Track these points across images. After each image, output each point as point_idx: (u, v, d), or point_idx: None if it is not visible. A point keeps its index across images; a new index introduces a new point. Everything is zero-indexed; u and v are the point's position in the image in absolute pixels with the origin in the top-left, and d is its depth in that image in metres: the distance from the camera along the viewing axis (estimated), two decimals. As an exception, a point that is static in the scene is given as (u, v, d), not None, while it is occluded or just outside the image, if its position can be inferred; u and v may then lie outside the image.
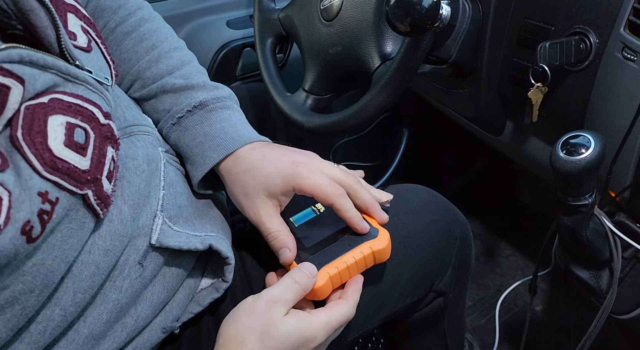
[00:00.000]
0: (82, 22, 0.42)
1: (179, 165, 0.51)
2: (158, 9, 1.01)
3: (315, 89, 0.73)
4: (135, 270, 0.42)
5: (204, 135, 0.50)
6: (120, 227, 0.40)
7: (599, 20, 0.56)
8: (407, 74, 0.56)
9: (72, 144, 0.34)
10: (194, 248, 0.45)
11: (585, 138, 0.50)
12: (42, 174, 0.31)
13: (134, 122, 0.46)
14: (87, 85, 0.37)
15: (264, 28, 0.79)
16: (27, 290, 0.33)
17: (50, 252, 0.33)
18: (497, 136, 0.82)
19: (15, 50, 0.31)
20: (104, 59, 0.43)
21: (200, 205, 0.52)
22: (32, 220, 0.30)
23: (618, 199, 0.57)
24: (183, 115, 0.51)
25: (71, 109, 0.34)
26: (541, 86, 0.61)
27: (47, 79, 0.33)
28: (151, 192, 0.44)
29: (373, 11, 0.61)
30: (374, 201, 0.49)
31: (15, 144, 0.30)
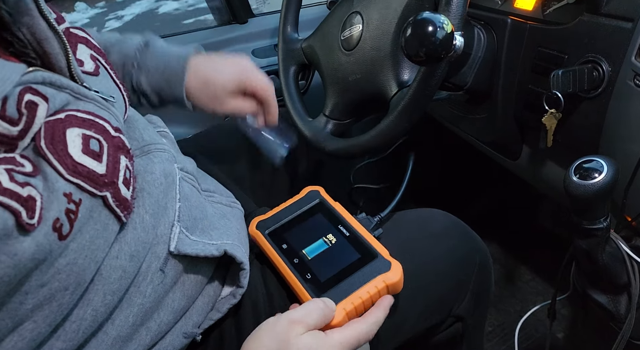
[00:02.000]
0: (92, 51, 0.48)
1: (193, 182, 0.56)
2: (187, 40, 1.08)
3: (335, 114, 0.76)
4: (157, 276, 0.46)
5: (163, 62, 0.63)
6: (143, 234, 0.43)
7: (611, 49, 0.58)
8: (423, 101, 0.58)
9: (89, 151, 0.38)
10: (210, 254, 0.49)
11: (598, 163, 0.51)
12: (66, 177, 0.35)
13: (151, 141, 0.50)
14: (96, 102, 0.42)
15: (287, 57, 0.83)
16: (62, 287, 0.36)
17: (81, 252, 0.37)
18: (514, 160, 0.83)
19: (39, 73, 0.36)
20: (113, 82, 0.49)
21: (216, 218, 0.55)
22: (60, 218, 0.34)
23: (634, 223, 0.58)
24: (138, 59, 0.63)
25: (85, 123, 0.39)
26: (555, 112, 0.62)
27: (62, 98, 0.38)
28: (168, 204, 0.48)
29: (390, 41, 0.64)
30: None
31: (40, 152, 0.35)
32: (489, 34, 0.74)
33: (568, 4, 0.67)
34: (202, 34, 1.09)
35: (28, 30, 0.39)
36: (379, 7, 0.66)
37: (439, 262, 0.61)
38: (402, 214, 0.67)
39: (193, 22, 4.28)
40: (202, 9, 4.35)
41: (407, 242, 0.62)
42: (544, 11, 0.71)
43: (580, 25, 0.62)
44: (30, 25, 0.39)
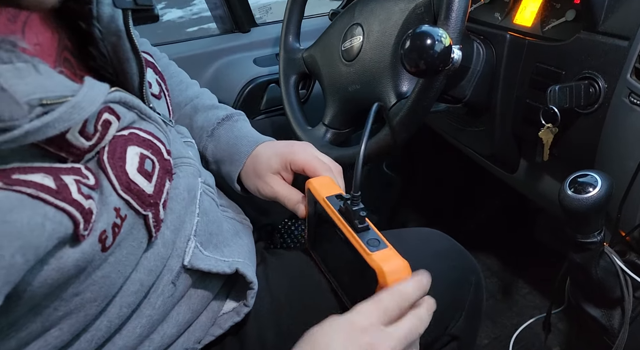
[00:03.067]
0: (157, 77, 0.50)
1: (213, 195, 0.56)
2: (191, 46, 1.09)
3: (334, 124, 0.76)
4: (168, 289, 0.46)
5: (235, 138, 0.62)
6: (163, 250, 0.44)
7: (607, 66, 0.59)
8: (421, 112, 0.59)
9: (143, 171, 0.39)
10: (222, 271, 0.49)
11: (592, 177, 0.52)
12: (119, 192, 0.37)
13: (178, 155, 0.51)
14: (157, 124, 0.43)
15: (288, 66, 0.84)
16: (92, 299, 0.37)
17: (116, 266, 0.38)
18: (512, 174, 0.84)
19: (118, 93, 0.38)
20: (167, 107, 0.51)
21: (230, 235, 0.55)
22: (107, 230, 0.35)
23: (628, 238, 0.58)
24: (215, 127, 0.63)
25: (145, 143, 0.40)
26: (551, 127, 0.63)
27: (130, 117, 0.40)
28: (187, 218, 0.48)
29: (390, 53, 0.65)
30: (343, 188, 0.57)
31: (101, 165, 0.36)
32: (488, 49, 0.75)
33: (566, 21, 0.68)
34: (205, 42, 1.11)
35: (112, 49, 0.41)
36: (380, 20, 0.67)
37: (437, 281, 0.61)
38: (401, 232, 0.68)
39: (197, 30, 4.32)
40: (205, 17, 4.39)
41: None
42: (542, 28, 0.72)
43: (577, 42, 0.63)
44: (115, 45, 0.41)
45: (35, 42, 0.36)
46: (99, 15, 0.40)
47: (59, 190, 0.31)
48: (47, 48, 0.37)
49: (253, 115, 1.08)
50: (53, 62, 0.37)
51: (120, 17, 0.41)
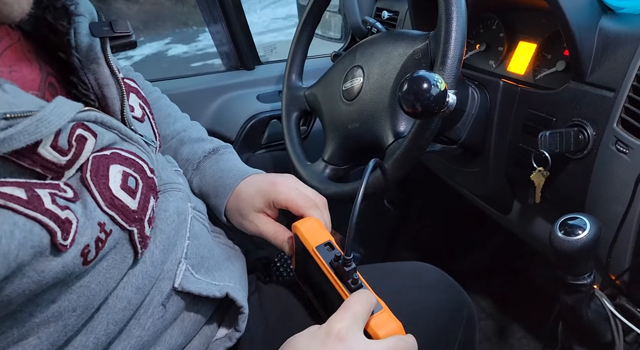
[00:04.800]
0: (140, 101, 0.52)
1: (204, 221, 0.57)
2: (198, 81, 1.13)
3: (333, 160, 0.78)
4: (158, 310, 0.46)
5: (220, 171, 0.62)
6: (151, 269, 0.45)
7: (595, 115, 0.62)
8: (417, 151, 0.61)
9: (126, 187, 0.40)
10: (212, 295, 0.50)
11: (582, 220, 0.53)
12: (103, 208, 0.38)
13: (168, 180, 0.52)
14: (139, 145, 0.45)
15: (290, 103, 0.87)
16: (70, 308, 0.37)
17: (96, 277, 0.39)
18: (505, 215, 0.86)
19: (92, 113, 0.39)
20: (152, 130, 0.53)
21: (221, 260, 0.56)
22: (90, 245, 0.36)
23: (618, 282, 0.59)
24: (200, 160, 0.64)
25: (127, 161, 0.42)
26: (543, 170, 0.65)
27: (110, 137, 0.41)
28: (178, 241, 0.49)
29: (389, 95, 0.68)
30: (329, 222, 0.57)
31: (84, 183, 0.37)
32: (482, 94, 0.78)
33: (557, 71, 0.72)
34: (211, 78, 1.15)
35: (93, 76, 0.44)
36: (380, 63, 0.71)
37: (429, 314, 0.62)
38: (395, 265, 0.68)
39: (201, 65, 4.43)
40: (210, 53, 4.50)
41: (399, 293, 0.63)
42: (534, 76, 0.75)
43: (567, 91, 0.66)
44: (95, 72, 0.43)
45: (10, 68, 0.38)
46: (78, 45, 0.42)
47: (30, 200, 0.32)
48: (28, 74, 0.39)
49: (254, 149, 1.10)
50: (37, 87, 0.39)
51: (98, 45, 0.43)
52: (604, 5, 0.66)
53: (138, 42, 0.59)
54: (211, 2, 1.07)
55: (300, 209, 0.56)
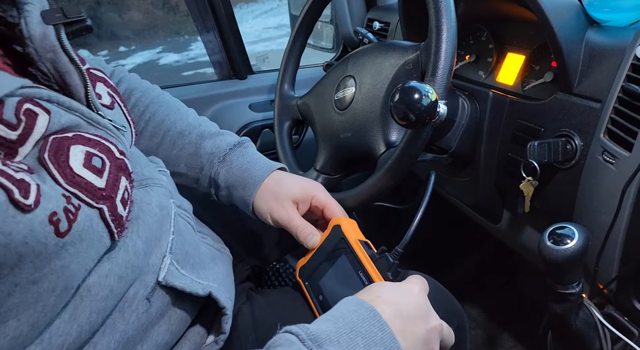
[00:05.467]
0: (109, 89, 0.52)
1: (189, 220, 0.57)
2: (191, 91, 1.13)
3: (325, 169, 0.79)
4: (142, 304, 0.46)
5: (247, 163, 0.65)
6: (134, 258, 0.45)
7: (583, 126, 0.63)
8: (408, 161, 0.62)
9: (90, 166, 0.40)
10: (195, 292, 0.50)
11: (570, 230, 0.54)
12: (63, 186, 0.37)
13: (150, 176, 0.53)
14: (107, 130, 0.44)
15: (283, 112, 0.88)
16: (50, 289, 0.37)
17: (74, 257, 0.38)
18: (495, 224, 0.86)
19: (45, 91, 0.39)
20: (125, 118, 0.52)
21: (207, 259, 0.56)
22: (58, 212, 0.35)
23: (606, 291, 0.60)
24: (227, 153, 0.65)
25: (91, 142, 0.41)
26: (532, 180, 0.66)
27: (71, 118, 0.41)
28: (162, 235, 0.49)
29: (380, 105, 0.69)
30: None
31: (42, 162, 0.37)
32: (472, 104, 0.79)
33: (545, 82, 0.73)
34: (204, 87, 1.15)
35: (51, 65, 0.43)
36: (371, 73, 0.72)
37: None
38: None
39: (192, 74, 4.43)
40: (201, 62, 4.51)
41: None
42: (523, 87, 0.77)
43: (555, 102, 0.67)
44: (53, 60, 0.43)
45: None
46: (31, 36, 0.42)
47: None
48: None
49: (246, 158, 1.10)
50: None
51: (52, 34, 0.43)
52: (590, 19, 0.67)
53: (129, 51, 0.59)
54: (204, 11, 1.08)
55: (335, 212, 0.61)
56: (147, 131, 0.69)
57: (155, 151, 0.68)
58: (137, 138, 0.68)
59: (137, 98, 0.70)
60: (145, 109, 0.69)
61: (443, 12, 0.58)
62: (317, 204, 0.62)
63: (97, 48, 5.01)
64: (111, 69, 0.73)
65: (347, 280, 0.55)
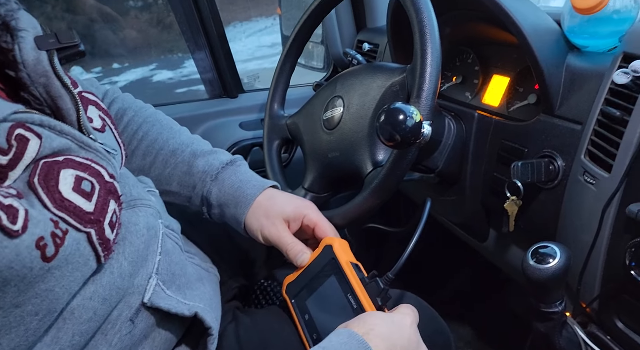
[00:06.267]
0: (100, 112, 0.52)
1: (177, 240, 0.57)
2: (182, 109, 1.14)
3: (313, 188, 0.79)
4: (126, 326, 0.46)
5: (240, 182, 0.65)
6: (119, 280, 0.44)
7: (564, 147, 0.65)
8: (394, 180, 0.63)
9: (79, 190, 0.40)
10: (181, 313, 0.49)
11: (552, 249, 0.55)
12: (52, 210, 0.37)
13: (138, 197, 0.53)
14: (98, 153, 0.45)
15: (272, 131, 0.89)
16: (33, 312, 0.37)
17: (60, 281, 0.38)
18: (482, 243, 0.87)
19: (37, 115, 0.39)
20: (116, 140, 0.53)
21: (193, 279, 0.56)
22: (45, 237, 0.35)
23: (588, 310, 0.61)
24: (219, 171, 0.66)
25: (81, 166, 0.42)
26: (516, 199, 0.67)
27: (62, 142, 0.41)
28: (149, 256, 0.49)
29: (368, 125, 0.70)
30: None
31: (31, 186, 0.37)
32: (458, 125, 0.80)
33: (529, 104, 0.75)
34: (195, 105, 1.16)
35: (44, 89, 0.43)
36: (359, 94, 0.73)
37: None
38: None
39: (186, 91, 4.45)
40: (194, 79, 4.53)
41: None
42: (508, 108, 0.79)
43: (538, 123, 0.69)
44: (46, 85, 0.43)
45: None
46: (24, 61, 0.42)
47: None
48: None
49: (235, 176, 1.11)
50: None
51: (45, 59, 0.43)
52: (571, 44, 0.70)
53: (123, 68, 0.60)
54: (196, 31, 1.10)
55: (327, 232, 0.61)
56: (140, 150, 0.69)
57: (148, 170, 0.69)
58: (129, 157, 0.69)
59: (130, 117, 0.71)
60: (138, 128, 0.70)
61: (427, 37, 0.60)
62: (308, 222, 0.62)
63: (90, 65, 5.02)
64: (104, 89, 0.73)
65: (335, 302, 0.55)
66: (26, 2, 0.50)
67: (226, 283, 0.70)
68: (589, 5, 0.61)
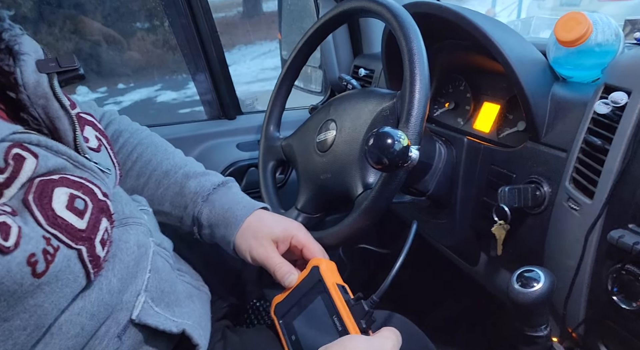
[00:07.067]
0: (97, 133, 0.54)
1: (168, 258, 0.58)
2: (181, 129, 1.16)
3: (306, 209, 0.81)
4: (113, 342, 0.47)
5: (230, 203, 0.66)
6: (108, 296, 0.45)
7: (550, 173, 0.66)
8: (383, 202, 0.64)
9: (73, 208, 0.41)
10: (169, 330, 0.50)
11: (537, 273, 0.56)
12: (45, 227, 0.39)
13: (130, 215, 0.54)
14: (92, 172, 0.47)
15: (267, 152, 0.90)
16: (21, 327, 0.38)
17: (49, 296, 0.39)
18: (473, 267, 0.88)
19: (34, 136, 0.41)
20: (111, 160, 0.55)
21: (183, 297, 0.57)
22: (36, 254, 0.37)
23: (574, 334, 0.61)
24: (210, 192, 0.67)
25: (75, 184, 0.43)
26: (503, 223, 0.69)
27: (58, 162, 0.43)
28: (138, 273, 0.50)
29: (359, 148, 0.72)
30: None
31: (25, 204, 0.38)
32: (449, 149, 0.82)
33: (518, 130, 0.77)
34: (193, 126, 1.18)
35: (43, 110, 0.46)
36: (351, 118, 0.75)
37: None
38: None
39: (189, 111, 4.50)
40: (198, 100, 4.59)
41: None
42: (498, 134, 0.80)
43: (525, 150, 0.70)
44: (45, 106, 0.45)
45: None
46: (25, 83, 0.44)
47: None
48: None
49: (231, 196, 1.12)
50: None
51: (45, 82, 0.45)
52: (556, 74, 0.72)
53: (128, 88, 0.62)
54: (196, 54, 1.13)
55: (315, 253, 0.62)
56: (134, 171, 0.71)
57: (142, 190, 0.70)
58: (123, 178, 0.71)
59: (126, 139, 0.73)
60: (133, 150, 0.72)
61: (416, 65, 0.62)
62: (297, 243, 0.63)
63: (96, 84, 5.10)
64: (102, 112, 0.76)
65: (321, 323, 0.56)
66: (35, 24, 0.52)
67: (217, 302, 0.71)
68: (572, 38, 0.63)
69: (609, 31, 0.64)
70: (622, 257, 0.52)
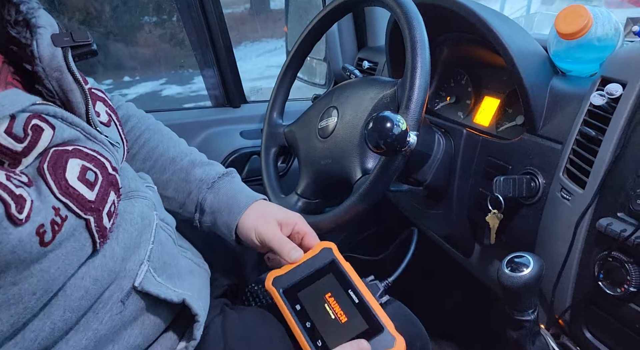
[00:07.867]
0: (107, 108, 0.56)
1: (171, 233, 0.60)
2: (186, 115, 1.18)
3: (306, 194, 0.82)
4: (117, 306, 0.48)
5: (234, 191, 0.68)
6: (111, 263, 0.47)
7: (545, 164, 0.67)
8: (381, 186, 0.66)
9: (84, 179, 0.43)
10: (169, 299, 0.52)
11: (526, 259, 0.57)
12: (57, 196, 0.40)
13: (135, 189, 0.56)
14: (103, 145, 0.48)
15: (270, 139, 0.92)
16: (30, 291, 0.39)
17: (55, 263, 0.41)
18: (468, 258, 0.89)
19: (52, 107, 0.43)
20: (119, 135, 0.56)
21: (184, 271, 0.59)
22: (45, 225, 0.38)
23: (561, 321, 0.62)
24: (215, 180, 0.69)
25: (88, 157, 0.45)
26: (497, 212, 0.70)
27: (72, 133, 0.44)
28: (141, 244, 0.52)
29: (359, 134, 0.73)
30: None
31: (40, 172, 0.40)
32: (447, 140, 0.84)
33: (517, 124, 0.78)
34: (198, 112, 1.20)
35: (57, 83, 0.47)
36: (353, 105, 0.77)
37: None
38: None
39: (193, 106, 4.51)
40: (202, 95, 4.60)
41: None
42: (497, 128, 0.82)
43: (521, 142, 0.72)
44: (59, 79, 0.47)
45: None
46: (41, 56, 0.46)
47: None
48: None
49: (233, 183, 1.14)
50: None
51: (60, 55, 0.47)
52: (556, 68, 0.73)
53: (133, 81, 0.64)
54: (204, 45, 1.15)
55: (315, 241, 0.64)
56: (141, 155, 0.73)
57: (147, 174, 0.72)
58: (130, 161, 0.72)
59: (134, 124, 0.75)
60: (141, 134, 0.74)
61: (418, 52, 0.64)
62: (298, 230, 0.65)
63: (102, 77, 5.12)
64: (110, 96, 0.77)
65: (333, 296, 0.56)
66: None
67: (217, 280, 0.73)
68: (572, 31, 0.65)
69: (609, 25, 0.65)
70: (610, 244, 0.53)
